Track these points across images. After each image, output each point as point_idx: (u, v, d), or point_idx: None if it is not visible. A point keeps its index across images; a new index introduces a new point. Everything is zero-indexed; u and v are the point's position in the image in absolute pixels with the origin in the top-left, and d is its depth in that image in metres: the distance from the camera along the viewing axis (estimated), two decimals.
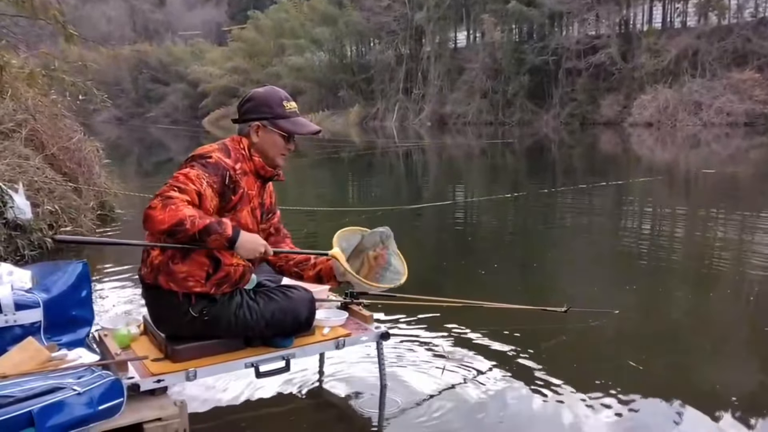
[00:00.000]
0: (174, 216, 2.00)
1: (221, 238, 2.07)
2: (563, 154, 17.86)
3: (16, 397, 1.75)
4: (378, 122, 35.46)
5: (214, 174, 2.15)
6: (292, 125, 2.34)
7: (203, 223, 2.03)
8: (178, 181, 2.10)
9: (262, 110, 2.33)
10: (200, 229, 2.02)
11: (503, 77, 31.13)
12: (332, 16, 37.95)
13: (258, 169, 2.32)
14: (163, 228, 2.02)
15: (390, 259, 2.43)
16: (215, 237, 2.06)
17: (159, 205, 2.03)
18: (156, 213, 2.02)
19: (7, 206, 5.01)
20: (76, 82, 7.24)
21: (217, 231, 2.05)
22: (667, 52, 26.52)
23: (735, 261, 5.09)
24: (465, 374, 2.86)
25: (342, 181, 12.26)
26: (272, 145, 2.33)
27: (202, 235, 2.04)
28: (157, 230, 2.04)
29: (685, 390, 2.77)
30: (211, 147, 2.27)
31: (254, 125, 2.31)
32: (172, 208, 2.01)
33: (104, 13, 56.50)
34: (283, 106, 2.34)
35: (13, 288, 2.31)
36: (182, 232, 2.02)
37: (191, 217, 2.01)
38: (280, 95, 2.37)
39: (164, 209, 2.02)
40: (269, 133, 2.32)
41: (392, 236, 2.45)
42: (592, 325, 3.49)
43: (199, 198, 2.10)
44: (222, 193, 2.18)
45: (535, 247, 5.88)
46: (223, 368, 2.28)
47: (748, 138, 19.47)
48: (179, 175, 2.12)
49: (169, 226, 2.01)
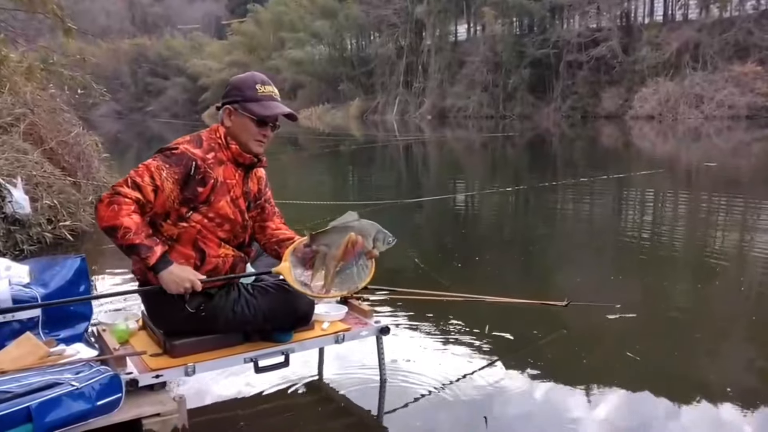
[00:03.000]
0: (112, 219, 2.01)
1: (142, 263, 2.08)
2: (564, 147, 17.83)
3: (14, 392, 1.75)
4: (378, 116, 35.39)
5: (176, 165, 2.11)
6: (261, 108, 2.23)
7: (132, 240, 2.02)
8: (137, 173, 2.08)
9: (233, 94, 2.26)
10: (127, 245, 2.03)
11: (504, 70, 31.06)
12: (332, 9, 37.85)
13: (236, 157, 2.25)
14: (101, 225, 2.04)
15: (361, 259, 2.23)
16: (137, 260, 2.09)
17: (106, 200, 2.04)
18: (101, 207, 2.03)
19: (5, 201, 5.00)
20: (74, 76, 7.22)
21: (141, 255, 2.04)
22: (669, 45, 26.45)
23: (737, 254, 5.08)
24: (465, 368, 2.85)
25: (342, 175, 12.24)
26: (243, 129, 2.24)
27: (128, 251, 2.05)
28: (100, 225, 2.05)
29: (687, 384, 2.77)
30: (181, 139, 2.24)
31: (226, 109, 2.26)
32: (115, 209, 2.01)
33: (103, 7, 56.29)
34: (256, 89, 2.24)
35: (11, 283, 2.30)
36: (114, 237, 2.03)
37: (126, 229, 2.00)
38: (255, 79, 2.28)
39: (108, 206, 2.02)
40: (239, 116, 2.23)
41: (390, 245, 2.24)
42: (593, 319, 3.48)
43: (155, 193, 2.08)
44: (186, 185, 2.13)
45: (536, 241, 5.86)
46: (222, 363, 2.27)
47: (750, 131, 19.42)
48: (141, 166, 2.11)
49: (105, 226, 2.03)
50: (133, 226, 2.01)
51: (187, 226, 2.16)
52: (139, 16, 64.69)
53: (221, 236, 2.24)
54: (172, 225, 2.16)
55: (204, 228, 2.19)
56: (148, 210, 2.09)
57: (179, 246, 2.17)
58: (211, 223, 2.20)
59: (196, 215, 2.17)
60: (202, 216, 2.18)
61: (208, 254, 2.20)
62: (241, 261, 2.33)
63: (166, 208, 2.13)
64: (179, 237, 2.17)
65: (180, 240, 2.17)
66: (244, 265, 2.37)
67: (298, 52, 38.59)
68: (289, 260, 2.19)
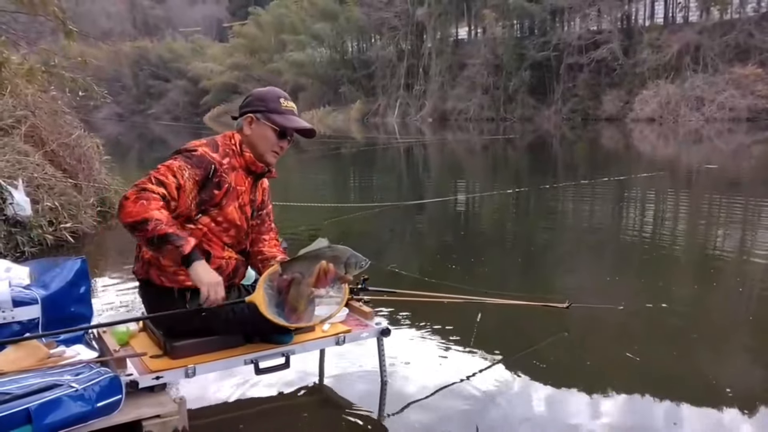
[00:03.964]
0: (142, 212, 1.97)
1: (176, 252, 2.01)
2: (565, 149, 17.83)
3: (14, 394, 1.74)
4: (379, 118, 35.41)
5: (197, 166, 2.13)
6: (284, 119, 2.30)
7: (165, 230, 1.97)
8: (159, 172, 2.08)
9: (256, 104, 2.32)
10: (159, 235, 1.97)
11: (504, 73, 31.08)
12: (333, 11, 37.88)
13: (248, 165, 2.29)
14: (129, 221, 1.98)
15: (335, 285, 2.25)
16: (171, 248, 2.00)
17: (133, 196, 2.01)
18: (128, 204, 1.99)
19: (6, 203, 5.00)
20: (75, 78, 7.22)
21: (175, 244, 1.99)
22: (669, 48, 26.46)
23: (738, 255, 5.07)
24: (465, 370, 2.85)
25: (343, 177, 12.24)
26: (262, 138, 2.29)
27: (160, 242, 1.98)
28: (124, 222, 2.00)
29: (688, 385, 2.76)
30: (198, 142, 2.25)
31: (247, 117, 2.31)
32: (143, 204, 1.99)
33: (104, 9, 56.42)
34: (279, 102, 2.32)
35: (11, 284, 2.30)
36: (143, 231, 1.97)
37: (157, 221, 1.97)
38: (279, 93, 2.36)
39: (136, 202, 1.99)
40: (261, 125, 2.29)
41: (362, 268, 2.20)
42: (594, 321, 3.48)
43: (178, 191, 2.08)
44: (204, 187, 2.15)
45: (537, 243, 5.86)
46: (222, 365, 2.27)
47: (751, 133, 19.42)
48: (161, 166, 2.10)
49: (134, 221, 1.97)
50: (164, 218, 2.00)
51: (194, 228, 2.17)
52: (141, 19, 64.81)
53: (226, 241, 2.27)
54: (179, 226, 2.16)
55: (210, 231, 2.21)
56: (172, 208, 2.09)
57: None
58: (218, 227, 2.22)
59: (205, 218, 2.19)
60: (210, 219, 2.20)
61: (213, 255, 2.22)
62: (242, 265, 2.36)
63: (186, 207, 2.13)
64: None
65: None
66: (244, 270, 2.39)
67: (299, 55, 38.61)
68: (264, 289, 2.17)
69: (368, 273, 2.92)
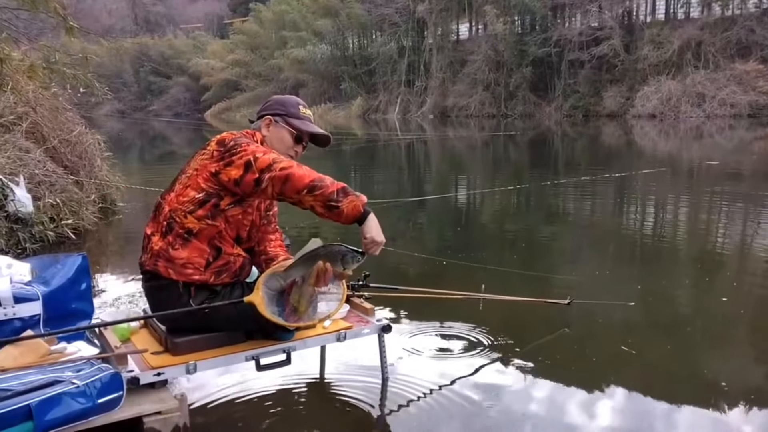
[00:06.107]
0: (311, 172, 2.00)
1: (358, 202, 2.02)
2: (566, 146, 17.80)
3: (15, 390, 1.74)
4: (380, 115, 35.37)
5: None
6: (302, 124, 2.39)
7: (340, 183, 2.01)
8: (253, 151, 2.09)
9: (276, 107, 2.41)
10: (341, 188, 2.00)
11: (506, 69, 31.00)
12: (334, 8, 37.83)
13: None
14: (305, 183, 1.98)
15: (334, 283, 2.27)
16: (352, 199, 2.00)
17: (289, 165, 2.01)
18: (294, 170, 2.00)
19: (8, 199, 5.00)
20: (77, 75, 7.21)
21: (354, 194, 2.03)
22: (670, 44, 26.34)
23: (740, 252, 5.07)
24: (466, 367, 2.85)
25: (344, 174, 12.22)
26: (279, 141, 2.36)
27: (339, 196, 1.99)
28: (299, 186, 1.99)
29: (690, 382, 2.76)
30: (230, 134, 2.24)
31: (266, 119, 2.38)
32: (305, 167, 2.02)
33: (105, 6, 56.30)
34: (299, 108, 2.43)
35: (12, 281, 2.30)
36: (322, 188, 1.98)
37: (327, 177, 2.01)
38: (298, 101, 2.47)
39: (299, 166, 2.02)
40: (278, 128, 2.37)
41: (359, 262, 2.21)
42: (596, 318, 3.48)
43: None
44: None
45: (538, 239, 5.85)
46: (223, 361, 2.27)
47: (752, 129, 19.37)
48: (245, 148, 2.09)
49: (311, 180, 1.99)
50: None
51: (211, 224, 2.18)
52: (142, 15, 64.65)
53: (242, 235, 2.31)
54: (196, 220, 2.17)
55: (226, 228, 2.23)
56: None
57: (196, 241, 2.18)
58: (232, 226, 2.25)
59: (237, 209, 2.21)
60: (240, 210, 2.23)
61: (223, 251, 2.24)
62: (248, 263, 2.38)
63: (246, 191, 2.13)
64: (199, 233, 2.18)
65: (199, 236, 2.19)
66: (250, 267, 2.41)
67: (300, 51, 38.55)
68: (263, 291, 2.17)
69: (369, 269, 2.93)
